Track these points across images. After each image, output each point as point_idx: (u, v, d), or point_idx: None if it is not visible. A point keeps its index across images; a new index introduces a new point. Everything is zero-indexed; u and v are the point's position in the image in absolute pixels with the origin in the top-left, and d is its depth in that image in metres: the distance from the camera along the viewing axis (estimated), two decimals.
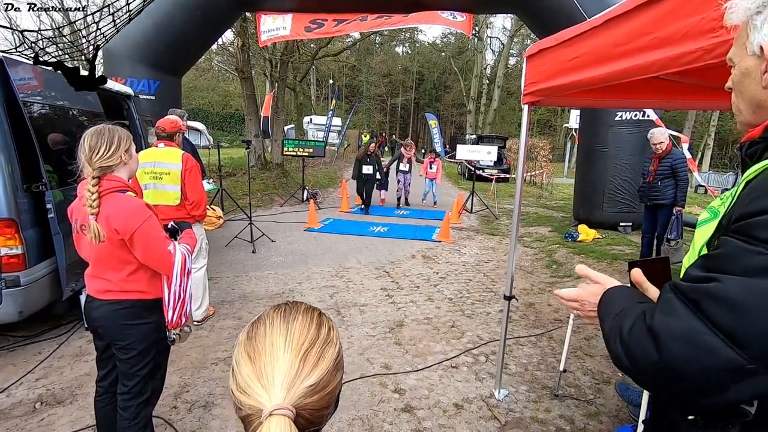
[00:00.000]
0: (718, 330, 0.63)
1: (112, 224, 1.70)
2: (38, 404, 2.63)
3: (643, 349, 0.69)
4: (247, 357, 0.63)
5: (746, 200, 0.68)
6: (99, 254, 1.77)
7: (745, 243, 0.65)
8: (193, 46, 7.72)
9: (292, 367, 0.60)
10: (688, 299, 0.67)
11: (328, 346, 0.65)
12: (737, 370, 0.62)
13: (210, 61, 26.15)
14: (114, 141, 1.77)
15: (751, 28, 0.73)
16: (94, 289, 1.84)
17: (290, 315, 0.67)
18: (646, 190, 4.98)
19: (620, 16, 1.59)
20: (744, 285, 0.63)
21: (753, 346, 0.61)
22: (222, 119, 34.33)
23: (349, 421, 2.57)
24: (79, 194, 1.80)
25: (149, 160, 3.34)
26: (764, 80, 0.72)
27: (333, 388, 0.64)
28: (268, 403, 0.57)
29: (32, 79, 3.28)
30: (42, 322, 3.55)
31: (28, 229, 3.04)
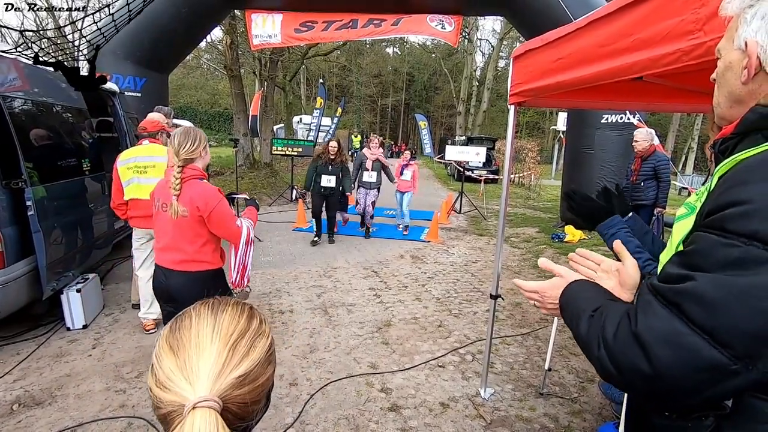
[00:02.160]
0: (700, 330, 0.62)
1: (196, 203, 2.11)
2: (15, 406, 2.56)
3: (632, 358, 0.67)
4: (168, 349, 0.58)
5: (717, 193, 0.68)
6: (180, 228, 2.16)
7: (718, 236, 0.65)
8: (180, 42, 7.62)
9: (219, 357, 0.57)
10: (668, 301, 0.67)
11: (259, 337, 0.63)
12: (721, 369, 0.61)
13: (199, 59, 25.85)
14: (196, 139, 2.18)
15: (741, 22, 0.73)
16: (170, 260, 2.22)
17: (219, 307, 0.64)
18: (629, 191, 5.02)
19: (604, 18, 1.61)
20: (720, 282, 0.62)
21: (735, 345, 0.60)
22: (211, 118, 33.99)
23: (334, 420, 2.56)
24: (166, 179, 2.22)
25: (132, 155, 3.29)
26: (743, 76, 0.73)
27: (264, 381, 0.61)
28: (192, 396, 0.53)
29: (12, 74, 3.21)
30: (21, 322, 3.47)
31: (6, 226, 2.98)
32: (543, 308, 0.97)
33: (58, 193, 3.49)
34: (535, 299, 0.99)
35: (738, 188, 0.65)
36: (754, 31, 0.70)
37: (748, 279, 0.60)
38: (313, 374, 3.04)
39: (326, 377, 3.00)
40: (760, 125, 0.71)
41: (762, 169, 0.65)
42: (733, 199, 0.64)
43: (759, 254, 0.60)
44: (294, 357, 3.26)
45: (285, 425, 2.49)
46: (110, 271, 4.98)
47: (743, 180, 0.65)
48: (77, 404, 2.60)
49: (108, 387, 2.79)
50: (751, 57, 0.71)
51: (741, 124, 0.74)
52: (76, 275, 3.73)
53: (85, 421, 2.45)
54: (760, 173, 0.64)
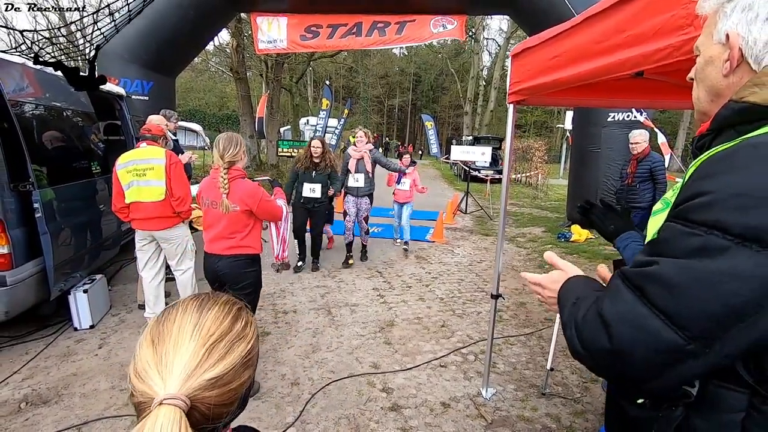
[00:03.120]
0: (659, 312, 0.64)
1: (245, 200, 2.55)
2: (23, 404, 2.61)
3: (595, 335, 0.70)
4: (150, 341, 0.59)
5: (686, 187, 0.70)
6: (230, 220, 2.59)
7: (682, 226, 0.66)
8: (186, 45, 7.71)
9: (194, 357, 0.57)
10: (633, 285, 0.69)
11: (240, 341, 0.62)
12: (678, 351, 0.63)
13: (207, 62, 26.10)
14: (237, 143, 2.55)
15: (721, 16, 0.74)
16: (220, 248, 2.63)
17: (206, 304, 0.64)
18: (624, 193, 4.92)
19: (598, 14, 1.60)
20: (680, 266, 0.64)
21: (691, 327, 0.62)
22: (219, 120, 34.28)
23: (335, 419, 2.56)
24: (212, 179, 2.61)
25: (130, 158, 3.32)
26: (725, 68, 0.73)
27: (238, 386, 0.61)
28: (162, 391, 0.54)
29: (20, 79, 3.27)
30: (29, 322, 3.53)
31: (15, 228, 3.03)
32: (543, 301, 0.99)
33: (65, 195, 3.55)
34: (537, 291, 1.01)
35: (702, 180, 0.67)
36: (735, 24, 0.71)
37: (707, 265, 0.61)
38: (315, 374, 3.05)
39: (328, 377, 3.01)
40: (733, 121, 0.71)
41: (726, 161, 0.66)
42: (698, 191, 0.66)
43: (719, 242, 0.61)
44: (296, 357, 3.28)
45: (286, 424, 2.50)
46: (118, 272, 5.05)
47: (708, 173, 0.67)
48: (83, 403, 2.65)
49: (113, 386, 2.83)
50: (733, 48, 0.72)
51: (715, 121, 0.75)
52: (84, 276, 3.79)
53: (90, 419, 2.49)
54: (723, 165, 0.65)
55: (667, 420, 0.74)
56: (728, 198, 0.61)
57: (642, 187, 4.73)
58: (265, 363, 3.15)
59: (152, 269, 3.53)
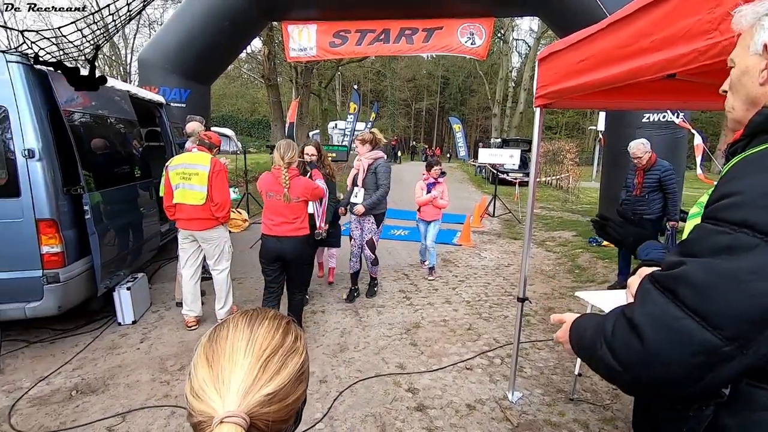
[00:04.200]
0: (692, 313, 0.64)
1: (304, 194, 3.30)
2: (74, 392, 2.81)
3: (627, 342, 0.70)
4: (205, 360, 0.59)
5: (716, 189, 0.72)
6: (290, 208, 3.25)
7: (712, 225, 0.68)
8: (221, 55, 8.03)
9: (250, 372, 0.57)
10: (663, 287, 0.70)
11: (292, 354, 0.62)
12: (715, 352, 0.63)
13: (239, 69, 26.93)
14: (293, 148, 3.25)
15: (758, 29, 0.77)
16: (283, 231, 3.27)
17: (256, 320, 0.64)
18: (631, 204, 4.56)
19: (624, 19, 1.61)
20: (710, 267, 0.65)
21: (726, 327, 0.62)
22: (250, 125, 35.27)
23: (362, 417, 2.63)
24: (273, 176, 3.25)
25: (181, 162, 3.54)
26: (761, 77, 0.76)
27: (294, 401, 0.61)
28: (221, 409, 0.54)
29: (72, 90, 3.52)
30: (78, 317, 3.78)
31: (67, 229, 3.27)
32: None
33: (111, 198, 3.79)
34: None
35: (732, 182, 0.69)
36: None
37: (736, 263, 0.63)
38: (343, 372, 3.13)
39: (355, 376, 3.09)
40: (766, 126, 0.73)
41: (755, 163, 0.68)
42: (727, 191, 0.68)
43: (747, 240, 0.63)
44: (324, 355, 3.37)
45: (314, 419, 2.59)
46: (156, 271, 5.31)
47: (737, 174, 0.70)
48: (127, 393, 2.82)
49: (154, 378, 3.00)
50: None
51: (748, 127, 0.77)
52: (126, 274, 4.02)
53: (134, 408, 2.66)
54: (752, 167, 0.68)
55: (698, 420, 0.75)
56: (757, 197, 0.63)
57: (651, 197, 4.44)
58: None
59: (191, 267, 3.72)
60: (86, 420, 2.54)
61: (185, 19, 7.40)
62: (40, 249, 3.10)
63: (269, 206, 3.29)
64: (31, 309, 3.13)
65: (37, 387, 2.86)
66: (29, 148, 3.02)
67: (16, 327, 3.51)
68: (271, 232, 3.28)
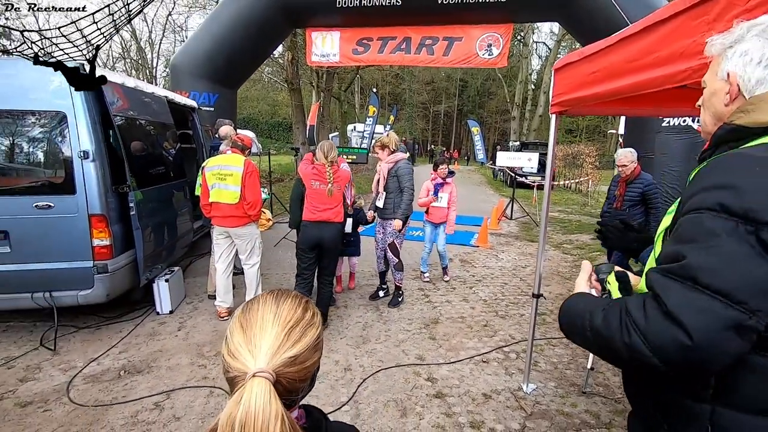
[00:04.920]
0: (716, 293, 0.73)
1: (342, 183, 3.81)
2: (122, 372, 3.09)
3: (664, 329, 0.76)
4: (240, 327, 0.71)
5: (691, 185, 0.87)
6: (333, 197, 3.69)
7: (697, 214, 0.81)
8: (248, 61, 8.37)
9: (277, 338, 0.68)
10: (683, 276, 0.78)
11: (310, 327, 0.74)
12: (741, 327, 0.72)
13: (261, 72, 27.55)
14: (334, 148, 3.75)
15: (724, 58, 0.94)
16: (326, 217, 3.68)
17: (281, 297, 0.76)
18: (611, 217, 4.31)
19: (631, 36, 1.77)
20: (710, 249, 0.76)
21: (747, 300, 0.72)
22: (270, 127, 35.94)
23: (384, 401, 2.82)
24: (316, 169, 3.69)
25: (216, 163, 3.81)
26: (726, 99, 0.94)
27: (310, 365, 0.72)
28: (253, 366, 0.65)
29: (119, 96, 3.84)
30: (122, 306, 4.09)
31: (115, 224, 3.56)
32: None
33: (151, 197, 4.08)
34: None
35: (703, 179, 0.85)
36: (735, 65, 0.91)
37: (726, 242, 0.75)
38: (366, 362, 3.33)
39: (377, 365, 3.28)
40: (726, 138, 0.91)
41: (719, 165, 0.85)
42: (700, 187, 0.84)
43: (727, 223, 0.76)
44: (348, 346, 3.58)
45: (341, 402, 2.80)
46: (189, 266, 5.61)
47: (706, 174, 0.86)
48: (169, 374, 3.08)
49: (192, 362, 3.26)
50: (732, 84, 0.92)
51: (713, 139, 0.94)
52: (164, 268, 4.31)
53: (176, 387, 2.92)
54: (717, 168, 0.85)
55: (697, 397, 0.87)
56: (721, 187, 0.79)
57: (632, 211, 4.21)
58: None
59: (224, 262, 3.98)
60: (135, 396, 2.80)
61: (214, 27, 7.76)
62: (91, 242, 3.41)
63: (314, 195, 3.68)
64: (83, 296, 3.44)
65: (89, 367, 3.15)
66: (84, 150, 3.33)
67: (67, 314, 3.82)
68: (316, 218, 3.65)
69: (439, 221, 5.03)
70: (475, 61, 7.84)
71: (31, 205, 3.31)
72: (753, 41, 0.89)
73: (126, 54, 29.92)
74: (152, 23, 29.31)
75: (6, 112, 3.32)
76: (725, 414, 0.84)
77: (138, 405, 2.72)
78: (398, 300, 4.53)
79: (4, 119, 3.33)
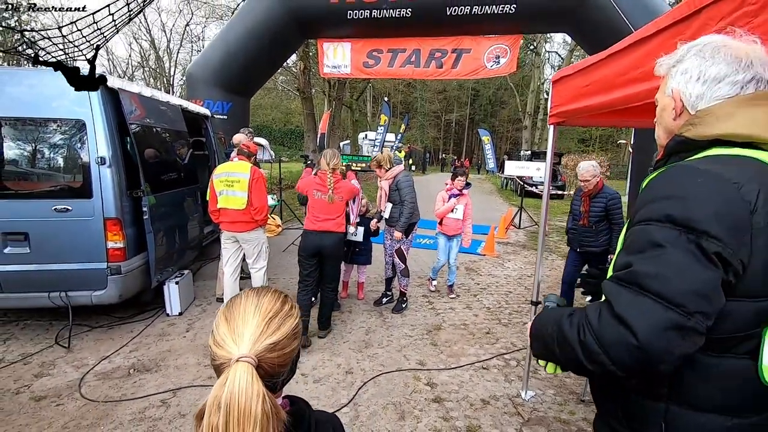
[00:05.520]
0: (658, 297, 0.79)
1: (346, 195, 3.79)
2: (132, 370, 3.20)
3: (618, 335, 0.81)
4: (224, 319, 0.78)
5: (641, 195, 0.93)
6: (333, 207, 3.70)
7: (645, 225, 0.87)
8: (261, 71, 8.58)
9: (258, 327, 0.75)
10: (629, 283, 0.84)
11: (288, 317, 0.81)
12: (682, 327, 0.77)
13: (274, 81, 28.03)
14: (336, 155, 3.74)
15: (669, 77, 1.02)
16: (326, 227, 3.67)
17: (261, 292, 0.83)
18: (578, 234, 4.10)
19: (620, 51, 1.83)
20: (654, 259, 0.81)
21: (686, 304, 0.77)
22: (283, 135, 36.41)
23: (383, 405, 2.88)
24: (319, 177, 3.75)
25: (224, 170, 3.93)
26: (672, 113, 1.00)
27: (289, 351, 0.78)
28: (237, 353, 0.71)
29: (136, 105, 4.00)
30: (133, 307, 4.22)
31: (128, 227, 3.70)
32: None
33: (163, 202, 4.23)
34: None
35: (650, 191, 0.91)
36: (678, 83, 0.98)
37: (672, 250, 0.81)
38: (367, 366, 3.39)
39: (378, 369, 3.34)
40: (676, 150, 0.97)
41: (664, 176, 0.91)
42: (644, 199, 0.90)
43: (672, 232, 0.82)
44: (350, 350, 3.64)
45: (340, 404, 2.86)
46: (198, 270, 5.75)
47: (653, 185, 0.91)
48: (176, 373, 3.19)
49: (199, 362, 3.36)
50: (677, 100, 0.98)
51: (665, 149, 1.00)
52: (174, 271, 4.44)
53: (183, 386, 3.01)
54: (662, 179, 0.90)
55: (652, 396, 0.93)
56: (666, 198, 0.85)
57: (599, 227, 3.98)
58: (323, 353, 3.55)
59: (232, 265, 4.09)
60: (143, 393, 2.90)
61: (229, 38, 7.99)
62: (106, 244, 3.55)
63: (315, 204, 3.71)
64: (97, 296, 3.58)
65: (101, 364, 3.27)
66: (101, 156, 3.48)
67: (81, 313, 3.96)
68: (315, 227, 3.66)
69: (453, 233, 4.93)
70: (483, 72, 7.95)
71: (50, 208, 3.47)
72: (692, 60, 0.95)
73: (145, 63, 30.80)
74: (170, 33, 30.17)
75: (29, 120, 3.50)
76: (677, 412, 0.89)
77: (146, 402, 2.83)
78: (402, 306, 4.61)
79: (28, 126, 3.52)
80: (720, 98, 0.92)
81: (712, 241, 0.79)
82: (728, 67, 0.91)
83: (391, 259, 4.63)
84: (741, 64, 0.90)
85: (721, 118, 0.89)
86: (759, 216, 0.80)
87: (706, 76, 0.93)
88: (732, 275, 0.80)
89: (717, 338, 0.83)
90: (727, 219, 0.79)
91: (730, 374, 0.86)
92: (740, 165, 0.85)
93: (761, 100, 0.88)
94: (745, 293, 0.82)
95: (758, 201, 0.80)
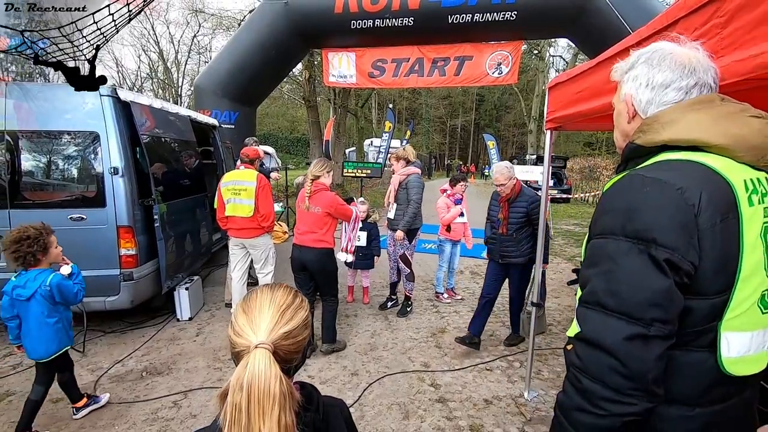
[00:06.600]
0: (619, 314, 0.84)
1: (325, 205, 3.47)
2: (144, 373, 3.30)
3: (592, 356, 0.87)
4: (242, 311, 0.86)
5: (597, 207, 0.98)
6: (316, 219, 3.49)
7: (600, 239, 0.92)
8: (267, 81, 8.77)
9: (273, 318, 0.83)
10: (592, 303, 0.89)
11: (300, 309, 0.90)
12: (645, 338, 0.81)
13: (280, 89, 28.37)
14: (323, 165, 3.56)
15: (622, 84, 1.07)
16: (310, 240, 3.47)
17: (275, 287, 0.93)
18: (498, 244, 3.68)
19: (609, 58, 1.91)
20: (608, 274, 0.86)
21: (642, 316, 0.82)
22: (289, 143, 36.73)
23: (388, 405, 2.95)
24: (303, 188, 3.55)
25: (231, 179, 4.04)
26: (626, 118, 1.06)
27: (301, 339, 0.87)
28: (255, 340, 0.79)
29: (147, 117, 4.14)
30: (144, 313, 4.33)
31: (140, 234, 3.83)
32: None
33: (173, 210, 4.35)
34: None
35: (605, 202, 0.95)
36: (629, 89, 1.04)
37: (625, 263, 0.86)
38: (372, 368, 3.46)
39: (383, 371, 3.41)
40: (631, 155, 1.02)
41: (617, 187, 0.94)
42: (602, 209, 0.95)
43: (625, 245, 0.87)
44: (356, 353, 3.72)
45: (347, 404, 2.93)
46: (208, 276, 5.87)
47: (607, 197, 0.95)
48: (187, 376, 3.28)
49: (209, 365, 3.45)
50: (629, 106, 1.04)
51: (623, 154, 1.06)
52: (184, 277, 4.56)
53: (193, 388, 3.11)
54: (615, 190, 0.94)
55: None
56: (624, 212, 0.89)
57: (520, 235, 3.58)
58: (329, 356, 3.63)
59: (239, 271, 4.20)
60: (156, 395, 3.00)
61: (235, 49, 8.19)
62: (119, 251, 3.67)
63: (299, 216, 3.63)
64: (110, 302, 3.69)
65: (114, 368, 3.38)
66: (115, 166, 3.62)
67: (95, 318, 4.09)
68: (298, 241, 3.53)
69: (457, 238, 4.98)
70: (486, 80, 8.05)
71: (66, 217, 3.60)
72: (642, 67, 1.01)
73: (153, 74, 31.39)
74: (178, 44, 30.70)
75: (45, 133, 3.65)
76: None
77: (158, 403, 2.92)
78: (407, 310, 4.66)
79: (44, 139, 3.67)
80: (667, 103, 0.97)
81: (661, 249, 0.83)
82: (673, 73, 0.96)
83: (396, 264, 4.69)
84: (685, 70, 0.95)
85: (665, 125, 0.94)
86: (703, 218, 0.83)
87: (654, 83, 0.98)
88: (685, 277, 0.84)
89: (678, 333, 0.87)
90: (672, 225, 0.83)
91: (692, 366, 0.90)
92: (684, 170, 0.88)
93: (702, 104, 0.93)
94: (699, 292, 0.86)
95: (701, 203, 0.83)
